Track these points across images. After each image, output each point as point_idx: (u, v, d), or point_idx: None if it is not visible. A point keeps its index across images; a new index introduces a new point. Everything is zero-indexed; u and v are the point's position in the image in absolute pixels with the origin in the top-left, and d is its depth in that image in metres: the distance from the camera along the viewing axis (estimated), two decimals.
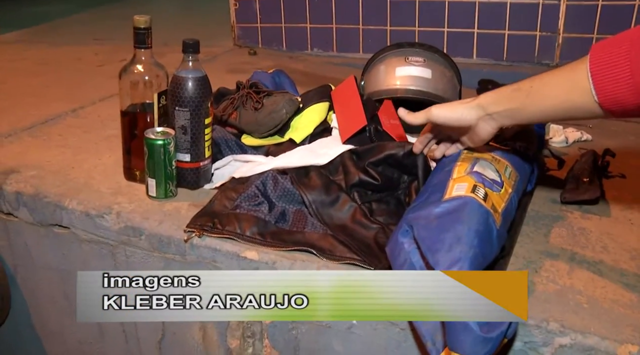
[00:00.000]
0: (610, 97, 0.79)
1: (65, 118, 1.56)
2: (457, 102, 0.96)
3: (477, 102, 0.92)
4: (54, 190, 1.17)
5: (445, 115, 0.95)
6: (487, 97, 0.92)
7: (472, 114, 0.92)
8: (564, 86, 0.84)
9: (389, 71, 1.32)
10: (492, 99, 0.91)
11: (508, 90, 0.90)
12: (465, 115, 0.93)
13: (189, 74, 1.08)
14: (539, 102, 0.86)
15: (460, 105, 0.94)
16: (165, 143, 1.07)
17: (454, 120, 0.94)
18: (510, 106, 0.89)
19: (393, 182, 1.08)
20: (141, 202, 1.12)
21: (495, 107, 0.91)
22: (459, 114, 0.94)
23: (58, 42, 2.70)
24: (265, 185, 1.08)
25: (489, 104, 0.91)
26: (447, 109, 0.95)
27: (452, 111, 0.95)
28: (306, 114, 1.22)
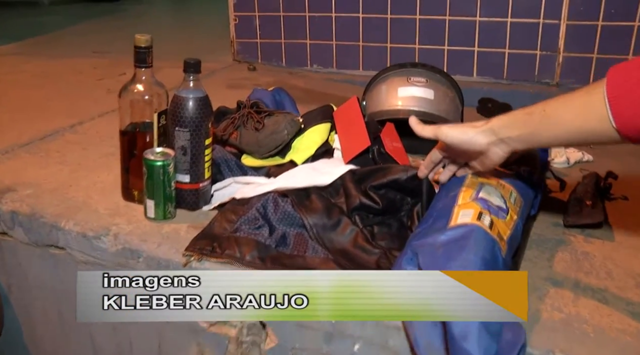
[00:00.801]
0: (629, 123, 0.76)
1: (64, 134, 1.54)
2: (467, 125, 0.93)
3: (489, 126, 0.89)
4: (51, 210, 1.15)
5: (455, 136, 0.93)
6: (499, 121, 0.89)
7: (483, 138, 0.90)
8: (579, 111, 0.81)
9: (391, 91, 1.31)
10: (504, 123, 0.89)
11: (520, 114, 0.87)
12: (477, 139, 0.90)
13: (190, 94, 1.06)
14: (553, 127, 0.84)
15: (472, 128, 0.91)
16: (165, 164, 1.05)
17: (464, 142, 0.92)
18: (524, 131, 0.87)
19: (395, 205, 1.07)
20: (139, 224, 1.10)
21: (507, 131, 0.88)
22: (469, 136, 0.91)
23: (57, 54, 2.70)
24: (265, 208, 1.06)
25: (500, 128, 0.89)
26: (458, 130, 0.93)
27: (463, 133, 0.92)
28: (308, 135, 1.21)
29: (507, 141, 0.89)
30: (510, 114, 0.89)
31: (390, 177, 1.05)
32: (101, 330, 1.19)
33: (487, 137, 0.90)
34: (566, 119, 0.82)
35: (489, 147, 0.90)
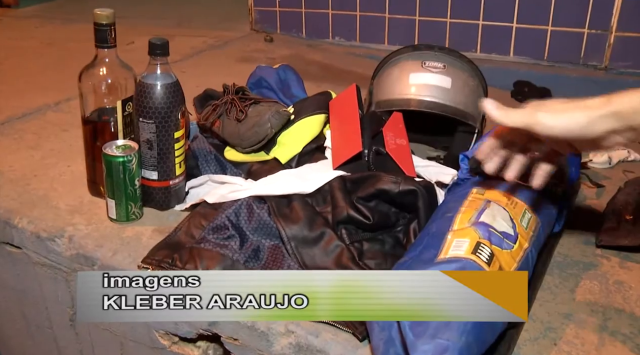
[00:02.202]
0: None
1: (46, 113, 1.42)
2: (573, 105, 0.68)
3: (614, 109, 0.66)
4: (6, 204, 1.03)
5: (562, 127, 0.68)
6: (627, 102, 0.66)
7: (604, 124, 0.67)
8: None
9: (402, 77, 1.13)
10: (637, 106, 0.66)
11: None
12: (594, 127, 0.67)
13: (156, 81, 0.91)
14: None
15: (584, 111, 0.67)
16: (125, 160, 0.91)
17: (575, 133, 0.68)
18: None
19: (389, 219, 0.91)
20: (100, 225, 0.97)
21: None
22: (582, 125, 0.67)
23: (72, 18, 2.57)
24: (238, 215, 0.92)
25: (633, 113, 0.66)
26: (565, 117, 0.68)
27: (573, 119, 0.68)
28: (296, 129, 1.04)
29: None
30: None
31: (378, 187, 0.89)
32: (64, 334, 1.08)
33: (610, 124, 0.67)
34: None
35: (609, 135, 0.68)
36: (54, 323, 1.08)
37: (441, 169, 1.03)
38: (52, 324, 1.09)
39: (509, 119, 0.72)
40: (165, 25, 2.36)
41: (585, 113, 0.67)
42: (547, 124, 0.68)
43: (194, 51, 1.96)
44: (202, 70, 1.70)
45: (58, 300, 1.03)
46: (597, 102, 0.67)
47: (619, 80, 1.70)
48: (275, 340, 0.78)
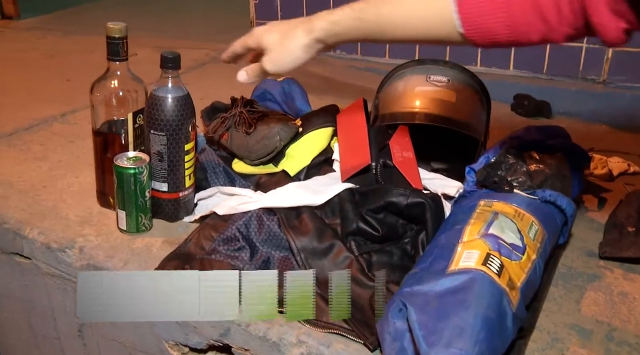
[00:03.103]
0: (478, 31, 0.70)
1: (52, 124, 1.43)
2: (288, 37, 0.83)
3: (315, 37, 0.80)
4: (17, 215, 1.04)
5: (287, 70, 0.85)
6: (324, 25, 0.80)
7: (311, 52, 0.83)
8: (420, 15, 0.74)
9: (407, 91, 1.15)
10: (331, 32, 0.80)
11: (349, 20, 0.78)
12: (305, 56, 0.83)
13: (167, 94, 0.93)
14: (390, 33, 0.77)
15: (294, 43, 0.82)
16: (137, 172, 0.92)
17: (293, 66, 0.85)
18: (355, 38, 0.80)
19: (397, 231, 0.92)
20: (110, 236, 0.98)
21: (335, 39, 0.80)
22: (295, 57, 0.83)
23: (74, 30, 2.59)
24: (248, 226, 0.93)
25: (328, 37, 0.80)
26: (283, 54, 0.83)
27: (289, 56, 0.83)
28: (305, 142, 1.05)
29: (332, 45, 0.83)
30: (336, 18, 0.79)
31: (387, 200, 0.90)
32: (72, 345, 1.08)
33: (315, 49, 0.83)
34: (406, 26, 0.75)
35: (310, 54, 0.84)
36: (62, 334, 1.09)
37: (446, 182, 1.05)
38: (59, 334, 1.09)
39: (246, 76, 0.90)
40: (167, 38, 2.38)
41: (296, 44, 0.81)
42: (274, 70, 0.85)
43: (197, 64, 1.98)
44: (206, 83, 1.72)
45: (66, 311, 1.04)
46: (295, 23, 0.83)
47: (617, 94, 1.72)
48: (287, 350, 0.79)
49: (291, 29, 0.84)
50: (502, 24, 0.69)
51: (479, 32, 0.71)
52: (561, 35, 0.70)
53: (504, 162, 0.94)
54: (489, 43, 0.72)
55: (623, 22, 0.66)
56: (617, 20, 0.66)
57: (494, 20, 0.69)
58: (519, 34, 0.70)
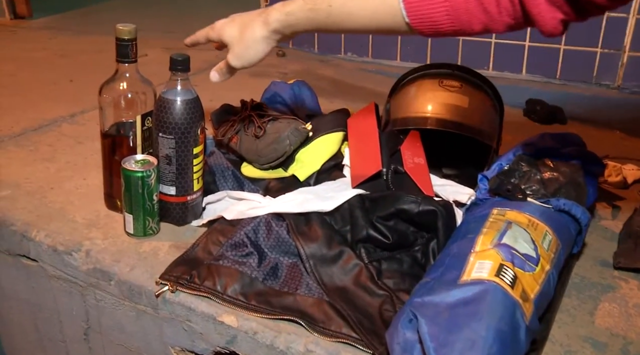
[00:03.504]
0: (422, 20, 0.73)
1: (61, 124, 1.42)
2: (246, 30, 0.87)
3: (272, 28, 0.84)
4: (24, 217, 1.03)
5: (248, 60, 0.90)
6: (279, 16, 0.84)
7: (271, 43, 0.87)
8: (369, 6, 0.76)
9: (419, 96, 1.13)
10: (285, 22, 0.83)
11: (302, 11, 0.81)
12: (265, 48, 0.88)
13: (176, 96, 0.92)
14: (341, 23, 0.79)
15: (253, 35, 0.86)
16: (144, 175, 0.91)
17: (256, 59, 0.89)
18: (309, 28, 0.82)
19: (408, 239, 0.90)
20: (116, 239, 0.97)
21: (291, 29, 0.84)
22: (256, 49, 0.88)
23: (85, 30, 2.59)
24: (256, 232, 0.91)
25: (284, 28, 0.84)
26: (244, 48, 0.88)
27: (250, 49, 0.88)
28: (315, 146, 1.04)
29: (291, 35, 0.86)
30: (290, 9, 0.82)
31: (398, 207, 0.89)
32: (77, 348, 1.08)
33: (273, 43, 0.87)
34: (355, 15, 0.78)
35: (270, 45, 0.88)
36: (67, 337, 1.08)
37: (458, 188, 1.03)
38: (65, 337, 1.09)
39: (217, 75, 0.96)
40: (176, 38, 2.36)
41: (254, 37, 0.86)
42: (239, 65, 0.90)
43: (207, 65, 1.96)
44: (215, 85, 1.70)
45: (72, 313, 1.03)
46: (251, 16, 0.87)
47: (632, 99, 1.70)
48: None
49: (249, 21, 0.87)
50: (444, 13, 0.71)
51: (423, 21, 0.73)
52: (502, 25, 0.73)
53: (517, 170, 0.92)
54: (434, 32, 0.74)
55: (559, 12, 0.68)
56: (554, 10, 0.68)
57: (437, 9, 0.72)
58: (461, 23, 0.73)
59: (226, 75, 0.94)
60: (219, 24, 0.91)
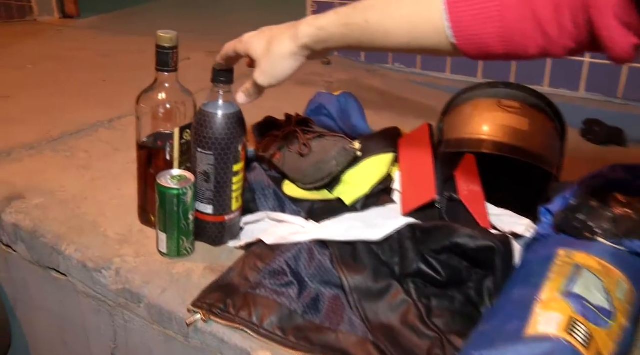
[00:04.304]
0: (470, 41, 0.65)
1: (98, 129, 1.38)
2: (274, 44, 0.79)
3: (301, 43, 0.76)
4: (55, 228, 0.98)
5: (275, 78, 0.81)
6: (310, 31, 0.76)
7: (300, 59, 0.79)
8: (410, 22, 0.68)
9: (475, 116, 1.05)
10: (316, 36, 0.75)
11: (335, 26, 0.74)
12: (293, 64, 0.79)
13: (217, 110, 0.86)
14: (378, 41, 0.71)
15: (280, 51, 0.78)
16: (180, 193, 0.85)
17: (284, 76, 0.81)
18: (342, 44, 0.75)
19: (461, 274, 0.83)
20: (148, 258, 0.92)
21: (322, 45, 0.76)
22: (284, 66, 0.79)
23: (128, 30, 2.58)
24: (298, 259, 0.85)
25: (315, 43, 0.76)
26: (271, 64, 0.80)
27: (277, 66, 0.79)
28: (363, 168, 0.97)
29: (321, 52, 0.78)
30: (322, 24, 0.75)
31: (453, 240, 0.81)
32: None
33: (301, 56, 0.79)
34: (394, 33, 0.69)
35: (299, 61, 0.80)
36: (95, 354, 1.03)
37: (515, 219, 0.95)
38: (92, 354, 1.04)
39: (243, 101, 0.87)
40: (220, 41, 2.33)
41: (283, 54, 0.78)
42: (265, 83, 0.81)
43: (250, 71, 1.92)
44: None
45: (100, 332, 0.98)
46: (280, 30, 0.79)
47: None
48: None
49: (277, 34, 0.79)
50: (495, 34, 0.63)
51: (471, 42, 0.65)
52: (561, 49, 0.64)
53: (585, 205, 0.84)
54: (482, 54, 0.66)
55: (634, 37, 0.59)
56: (628, 34, 0.59)
57: (487, 30, 0.63)
58: (514, 46, 0.64)
59: (254, 96, 0.86)
60: (246, 37, 0.83)
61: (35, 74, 1.88)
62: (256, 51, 0.80)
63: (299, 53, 0.78)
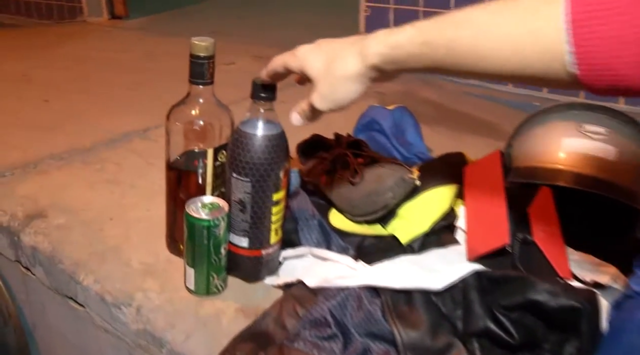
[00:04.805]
0: (599, 70, 0.49)
1: (132, 139, 1.29)
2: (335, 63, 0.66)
3: (370, 63, 0.63)
4: (75, 254, 0.89)
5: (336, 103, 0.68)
6: (381, 49, 0.62)
7: (367, 82, 0.66)
8: (513, 44, 0.53)
9: (552, 142, 0.91)
10: (389, 56, 0.62)
11: (415, 44, 0.59)
12: (359, 88, 0.67)
13: (256, 130, 0.74)
14: (468, 65, 0.57)
15: (344, 71, 0.65)
16: (211, 225, 0.74)
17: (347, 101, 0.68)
18: (420, 66, 0.61)
19: (535, 337, 0.69)
20: (174, 294, 0.81)
21: (395, 66, 0.62)
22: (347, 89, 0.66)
23: (176, 32, 2.51)
24: (343, 308, 0.73)
25: (386, 63, 0.63)
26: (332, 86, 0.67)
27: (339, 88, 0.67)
28: (423, 201, 0.84)
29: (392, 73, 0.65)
30: (397, 41, 0.61)
31: (529, 297, 0.68)
32: None
33: (368, 78, 0.66)
34: (489, 55, 0.54)
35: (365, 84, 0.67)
36: None
37: (598, 266, 0.81)
38: None
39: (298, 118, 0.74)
40: (266, 46, 2.23)
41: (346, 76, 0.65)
42: (325, 108, 0.69)
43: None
44: None
45: None
46: (343, 45, 0.66)
47: None
48: None
49: (339, 51, 0.66)
50: (634, 62, 0.48)
51: (599, 72, 0.50)
52: None
53: None
54: (612, 89, 0.50)
55: None
56: None
57: (624, 55, 0.48)
58: None
59: (310, 119, 0.73)
60: (301, 51, 0.70)
61: (77, 76, 1.82)
62: (314, 69, 0.68)
63: (366, 74, 0.65)
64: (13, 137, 1.28)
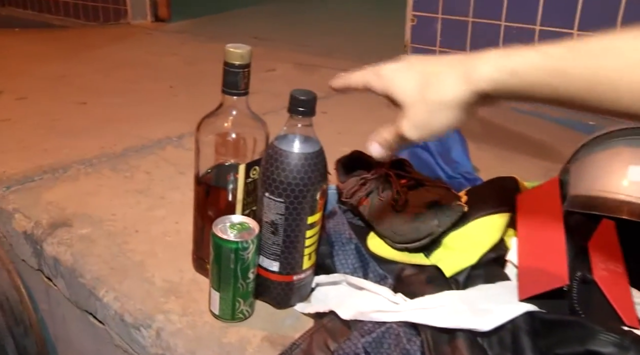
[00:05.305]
0: None
1: (165, 147, 1.24)
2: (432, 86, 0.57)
3: (477, 88, 0.54)
4: (96, 268, 0.84)
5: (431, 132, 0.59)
6: (493, 74, 0.53)
7: (471, 110, 0.57)
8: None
9: (616, 169, 0.83)
10: (504, 83, 0.53)
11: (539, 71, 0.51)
12: (461, 116, 0.57)
13: (292, 147, 0.68)
14: (607, 101, 0.48)
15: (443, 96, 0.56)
16: (239, 248, 0.69)
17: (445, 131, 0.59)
18: (539, 97, 0.52)
19: None
20: (197, 318, 0.75)
21: (508, 94, 0.53)
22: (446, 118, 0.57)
23: (217, 36, 2.49)
24: (379, 345, 0.66)
25: (498, 90, 0.53)
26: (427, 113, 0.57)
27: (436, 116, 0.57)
28: (470, 230, 0.77)
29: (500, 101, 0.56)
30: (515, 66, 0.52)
31: (589, 347, 0.60)
32: None
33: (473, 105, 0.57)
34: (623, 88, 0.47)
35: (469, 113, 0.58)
36: None
37: None
38: None
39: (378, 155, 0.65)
40: (309, 53, 2.18)
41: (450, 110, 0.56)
42: (417, 137, 0.59)
43: None
44: (345, 112, 1.48)
45: None
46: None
47: None
48: None
49: (437, 73, 0.57)
50: None
51: None
52: None
53: None
54: None
55: None
56: None
57: None
58: None
59: (395, 149, 0.64)
60: (387, 71, 0.61)
61: (116, 79, 1.79)
62: (404, 94, 0.58)
63: (470, 100, 0.56)
64: (46, 140, 1.26)
